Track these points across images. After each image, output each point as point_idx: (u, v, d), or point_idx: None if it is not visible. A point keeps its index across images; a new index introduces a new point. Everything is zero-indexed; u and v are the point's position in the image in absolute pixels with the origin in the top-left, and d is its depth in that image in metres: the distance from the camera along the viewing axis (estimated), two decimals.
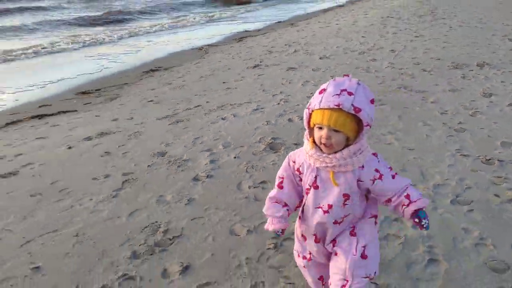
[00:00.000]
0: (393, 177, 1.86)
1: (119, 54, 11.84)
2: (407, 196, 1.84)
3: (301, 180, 1.95)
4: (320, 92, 1.77)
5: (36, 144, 5.22)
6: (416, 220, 1.84)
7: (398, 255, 2.66)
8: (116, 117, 6.04)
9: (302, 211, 2.01)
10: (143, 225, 3.11)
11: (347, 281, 1.89)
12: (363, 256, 1.90)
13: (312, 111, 1.79)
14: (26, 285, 2.55)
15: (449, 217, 3.01)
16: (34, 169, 4.34)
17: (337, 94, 1.72)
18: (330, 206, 1.89)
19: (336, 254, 1.95)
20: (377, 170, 1.84)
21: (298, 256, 2.17)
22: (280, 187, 2.00)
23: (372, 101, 1.78)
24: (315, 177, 1.88)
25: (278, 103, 5.80)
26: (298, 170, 1.94)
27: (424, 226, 1.82)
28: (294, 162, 1.97)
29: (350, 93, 1.72)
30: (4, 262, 2.78)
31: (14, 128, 6.21)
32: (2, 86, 8.77)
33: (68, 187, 3.81)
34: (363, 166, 1.83)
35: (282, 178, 2.00)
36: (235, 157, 4.19)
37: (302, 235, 2.08)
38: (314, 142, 1.83)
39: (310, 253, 2.09)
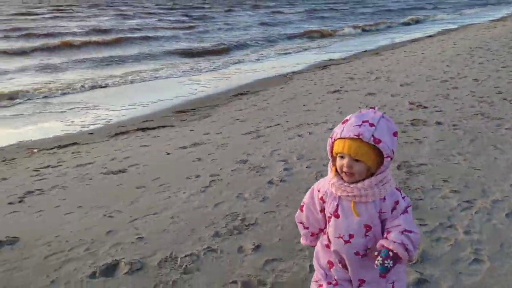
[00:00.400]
0: (402, 213, 1.88)
1: (212, 80, 13.05)
2: (388, 233, 1.86)
3: (323, 209, 1.98)
4: (343, 123, 1.83)
5: (140, 150, 6.18)
6: (376, 253, 1.83)
7: (446, 254, 2.94)
8: (207, 132, 6.86)
9: (327, 239, 2.02)
10: (224, 214, 3.72)
11: None
12: None
13: (335, 140, 1.84)
14: (132, 248, 3.25)
15: (502, 227, 3.21)
16: (139, 168, 5.22)
17: (358, 125, 1.77)
18: (351, 236, 1.89)
19: None
20: (396, 202, 1.87)
21: (328, 283, 2.08)
22: (301, 210, 2.10)
23: (394, 134, 1.81)
24: (337, 205, 1.90)
25: None
26: (321, 198, 1.97)
27: (376, 264, 1.80)
28: (319, 190, 1.99)
29: (371, 125, 1.77)
30: (116, 232, 3.52)
31: (122, 137, 7.31)
32: (112, 104, 10.22)
33: (166, 183, 4.58)
34: (384, 198, 1.85)
35: (304, 204, 2.08)
36: (307, 167, 4.69)
37: (328, 262, 2.06)
38: (336, 171, 1.87)
39: (336, 280, 2.05)
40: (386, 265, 1.77)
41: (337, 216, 1.90)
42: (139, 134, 7.45)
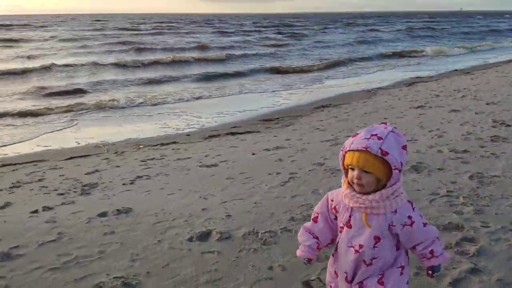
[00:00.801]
0: (424, 225, 1.93)
1: (296, 94, 13.70)
2: (431, 252, 1.95)
3: (336, 218, 2.03)
4: (353, 136, 1.89)
5: (230, 150, 6.94)
6: (430, 272, 2.01)
7: (503, 251, 3.17)
8: (289, 138, 7.45)
9: (336, 249, 2.06)
10: (300, 204, 4.24)
11: None
12: None
13: (345, 152, 1.89)
14: (222, 223, 3.89)
15: None
16: (228, 164, 5.94)
17: (366, 138, 1.83)
18: (361, 246, 1.94)
19: None
20: (409, 217, 1.90)
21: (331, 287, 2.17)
22: (315, 221, 2.08)
23: (403, 147, 1.86)
24: (349, 216, 1.95)
25: (432, 137, 6.39)
26: (334, 208, 2.01)
27: (434, 277, 2.03)
28: (332, 200, 2.03)
29: (379, 138, 1.82)
30: (209, 210, 4.20)
31: (214, 139, 8.17)
32: (206, 113, 11.30)
33: (251, 176, 5.22)
34: (396, 211, 1.89)
35: (318, 214, 2.08)
36: None
37: (335, 272, 2.10)
38: (349, 182, 1.92)
39: None
40: (438, 272, 2.02)
41: (349, 227, 1.95)
42: (229, 137, 8.26)
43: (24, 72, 18.00)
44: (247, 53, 26.13)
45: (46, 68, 18.88)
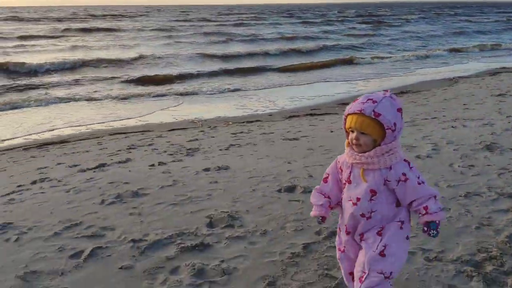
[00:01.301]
0: (419, 183, 2.02)
1: (375, 80, 13.91)
2: (425, 208, 2.02)
3: (341, 178, 2.19)
4: (354, 101, 2.04)
5: (309, 127, 7.57)
6: (425, 228, 2.06)
7: None
8: None
9: (341, 205, 2.22)
10: None
11: (365, 273, 2.09)
12: (382, 254, 2.07)
13: (346, 116, 2.06)
14: (305, 181, 4.55)
15: None
16: (308, 138, 6.58)
17: (362, 102, 1.98)
18: (358, 199, 2.08)
19: (361, 248, 2.16)
20: (404, 174, 2.00)
21: (337, 248, 2.31)
22: (325, 181, 2.24)
23: (398, 110, 1.99)
24: (350, 173, 2.11)
25: (509, 122, 6.51)
26: (340, 168, 2.18)
27: (432, 235, 2.05)
28: (339, 162, 2.20)
29: (374, 101, 1.97)
30: (293, 172, 4.87)
31: (295, 119, 8.85)
32: (285, 98, 12.05)
33: (330, 149, 5.82)
34: (390, 168, 2.01)
35: (328, 174, 2.24)
36: (454, 150, 5.39)
37: (339, 228, 2.26)
38: (349, 143, 2.09)
39: (344, 246, 2.24)
40: (438, 230, 2.06)
41: (349, 182, 2.12)
42: (308, 117, 8.89)
43: (120, 61, 19.65)
44: (330, 44, 26.35)
45: (143, 57, 20.50)
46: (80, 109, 10.97)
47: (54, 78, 15.84)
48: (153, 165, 5.31)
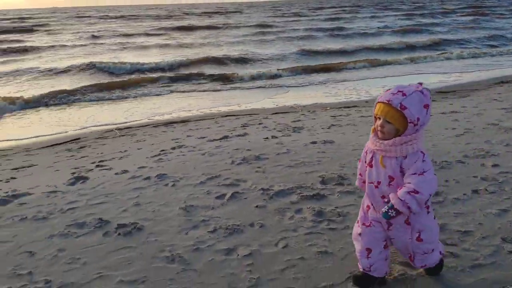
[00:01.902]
0: (417, 174, 2.15)
1: (471, 70, 13.62)
2: (400, 189, 2.20)
3: (366, 161, 2.38)
4: (386, 91, 2.18)
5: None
6: (386, 200, 2.28)
7: None
8: (465, 106, 8.04)
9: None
10: (473, 148, 5.11)
11: (411, 254, 2.40)
12: (419, 239, 2.32)
13: (376, 103, 2.20)
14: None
15: None
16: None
17: (393, 93, 2.11)
18: (379, 183, 2.27)
19: (393, 238, 2.39)
20: (415, 162, 2.16)
21: (358, 226, 2.48)
22: (360, 161, 2.49)
23: (425, 106, 2.10)
24: (371, 157, 2.29)
25: None
26: (366, 151, 2.38)
27: (382, 210, 2.25)
28: (366, 146, 2.40)
29: (404, 94, 2.08)
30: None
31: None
32: (379, 87, 12.32)
33: (429, 129, 6.17)
34: (406, 156, 2.16)
35: (360, 160, 2.49)
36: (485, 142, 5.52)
37: (367, 206, 2.43)
38: (375, 129, 2.24)
39: (371, 222, 2.40)
40: (389, 213, 2.21)
41: (371, 166, 2.30)
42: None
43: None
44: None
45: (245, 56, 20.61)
46: (199, 98, 12.24)
47: (172, 73, 16.81)
48: (267, 138, 6.16)
